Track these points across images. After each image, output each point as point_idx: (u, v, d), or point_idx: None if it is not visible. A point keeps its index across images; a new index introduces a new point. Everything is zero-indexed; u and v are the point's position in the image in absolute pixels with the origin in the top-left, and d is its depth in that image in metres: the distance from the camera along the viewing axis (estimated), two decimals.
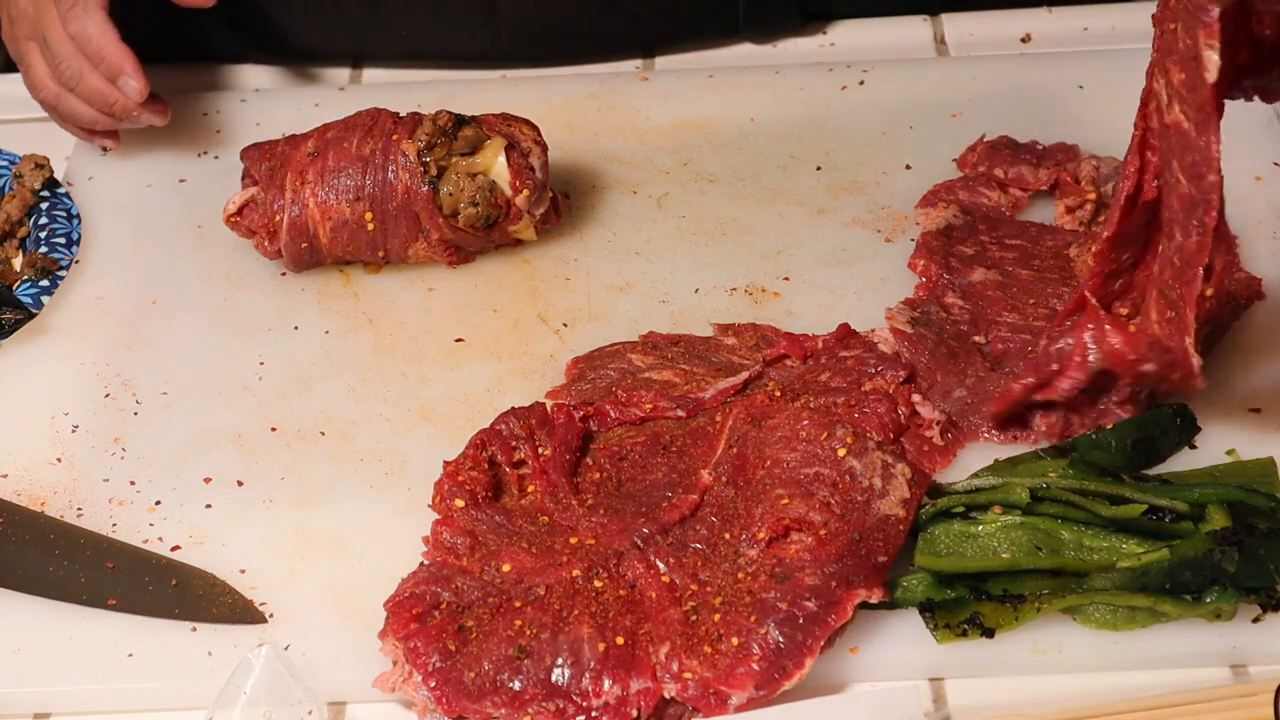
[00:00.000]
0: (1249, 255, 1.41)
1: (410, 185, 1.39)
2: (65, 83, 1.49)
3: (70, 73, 1.48)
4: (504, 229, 1.43)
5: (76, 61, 1.48)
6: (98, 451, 1.32)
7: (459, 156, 1.40)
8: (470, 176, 1.40)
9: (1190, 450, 1.24)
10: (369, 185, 1.40)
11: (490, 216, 1.40)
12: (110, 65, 1.47)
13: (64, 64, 1.48)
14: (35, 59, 1.50)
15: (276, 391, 1.36)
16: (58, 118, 1.54)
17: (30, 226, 1.50)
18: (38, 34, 1.49)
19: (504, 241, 1.45)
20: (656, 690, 1.10)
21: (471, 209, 1.40)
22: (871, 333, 1.32)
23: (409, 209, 1.40)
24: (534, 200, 1.41)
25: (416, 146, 1.39)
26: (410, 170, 1.39)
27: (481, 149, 1.41)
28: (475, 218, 1.40)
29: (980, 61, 1.65)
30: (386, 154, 1.40)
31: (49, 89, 1.50)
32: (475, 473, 1.22)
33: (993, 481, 1.19)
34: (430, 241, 1.42)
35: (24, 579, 1.22)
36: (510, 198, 1.41)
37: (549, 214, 1.44)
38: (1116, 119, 1.55)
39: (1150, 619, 1.14)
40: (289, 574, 1.22)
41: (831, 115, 1.58)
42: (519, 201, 1.41)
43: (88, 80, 1.48)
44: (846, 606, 1.11)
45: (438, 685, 1.10)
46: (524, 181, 1.40)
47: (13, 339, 1.40)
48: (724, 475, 1.21)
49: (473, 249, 1.44)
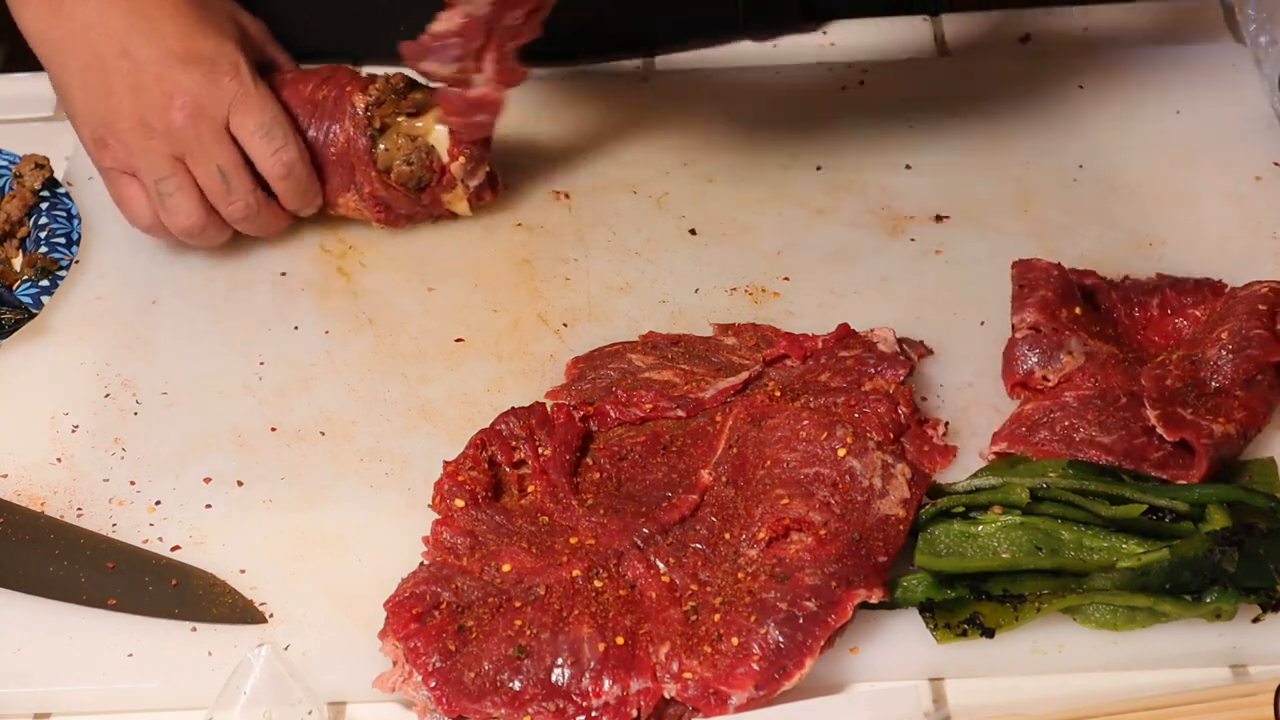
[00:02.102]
0: (1249, 255, 1.41)
1: (351, 135, 1.43)
2: (232, 214, 1.42)
3: (244, 208, 1.41)
4: (436, 195, 1.45)
5: (254, 197, 1.41)
6: (98, 451, 1.32)
7: (404, 117, 1.44)
8: (410, 138, 1.43)
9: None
10: (312, 129, 1.43)
11: (422, 178, 1.44)
12: (310, 200, 1.44)
13: (238, 199, 1.41)
14: (186, 189, 1.40)
15: (276, 391, 1.36)
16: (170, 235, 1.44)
17: (30, 226, 1.50)
18: (199, 158, 1.39)
19: (437, 211, 1.47)
20: (656, 690, 1.10)
21: (405, 167, 1.43)
22: (871, 333, 1.32)
23: (346, 159, 1.43)
24: (468, 170, 1.44)
25: (365, 100, 1.43)
26: (355, 121, 1.42)
27: (427, 113, 1.44)
28: (406, 176, 1.43)
29: (980, 61, 1.65)
30: (337, 103, 1.43)
31: (197, 218, 1.41)
32: (475, 473, 1.22)
33: (993, 481, 1.19)
34: (361, 194, 1.45)
35: (24, 579, 1.22)
36: (446, 164, 1.43)
37: (484, 189, 1.47)
38: (1116, 119, 1.56)
39: (1150, 619, 1.14)
40: (289, 574, 1.22)
41: (831, 115, 1.58)
42: (454, 169, 1.44)
43: (262, 214, 1.43)
44: (846, 606, 1.11)
45: (438, 685, 1.11)
46: (461, 150, 1.43)
47: (13, 339, 1.40)
48: (724, 475, 1.21)
49: (402, 210, 1.46)
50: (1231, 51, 1.62)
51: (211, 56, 1.39)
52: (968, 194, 1.49)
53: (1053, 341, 1.28)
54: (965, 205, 1.48)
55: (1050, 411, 1.25)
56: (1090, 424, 1.24)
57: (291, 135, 1.41)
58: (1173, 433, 1.21)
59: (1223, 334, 1.26)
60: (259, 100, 1.39)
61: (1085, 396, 1.26)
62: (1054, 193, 1.49)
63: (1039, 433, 1.24)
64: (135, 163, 1.40)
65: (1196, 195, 1.48)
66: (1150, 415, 1.22)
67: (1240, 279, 1.34)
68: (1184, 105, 1.57)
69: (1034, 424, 1.25)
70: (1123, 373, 1.27)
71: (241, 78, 1.39)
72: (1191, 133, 1.54)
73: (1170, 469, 1.21)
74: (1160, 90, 1.58)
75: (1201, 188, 1.48)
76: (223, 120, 1.39)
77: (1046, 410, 1.26)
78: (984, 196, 1.49)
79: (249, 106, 1.39)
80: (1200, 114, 1.56)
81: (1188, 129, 1.54)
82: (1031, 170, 1.51)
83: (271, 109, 1.40)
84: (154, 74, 1.37)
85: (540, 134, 1.58)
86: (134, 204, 1.42)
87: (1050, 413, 1.25)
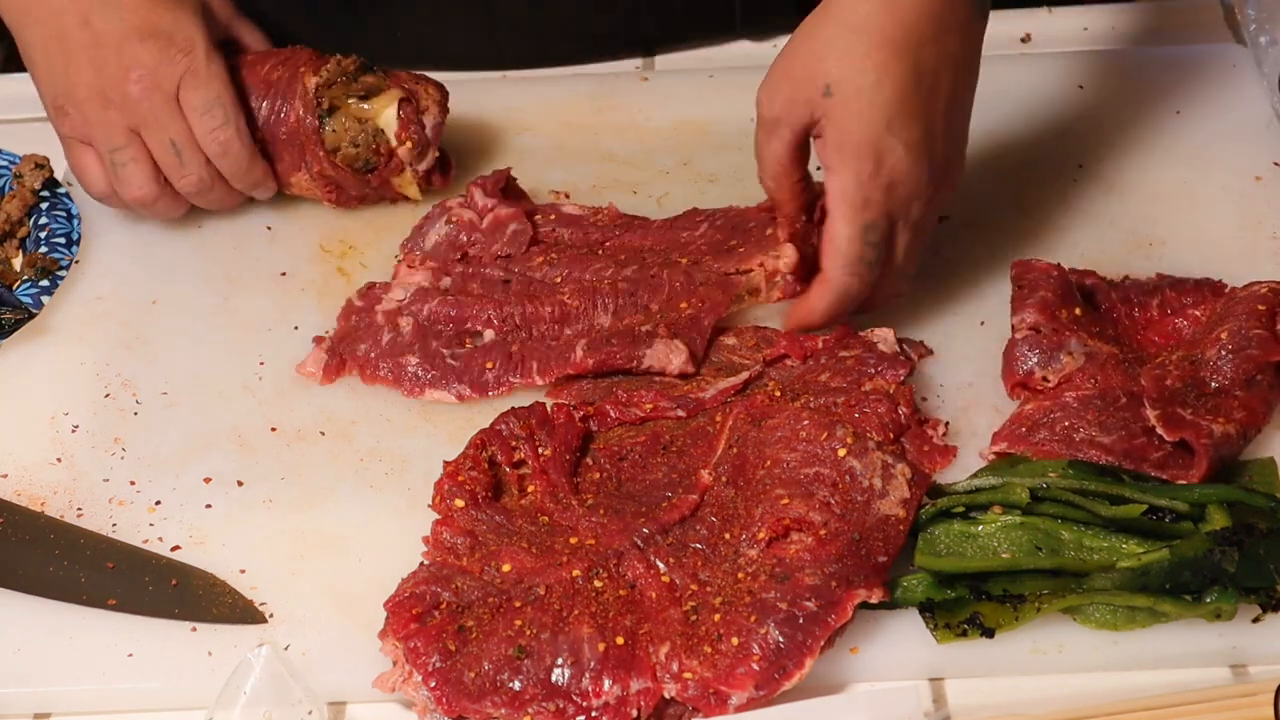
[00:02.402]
0: (1249, 255, 1.41)
1: (300, 115, 1.45)
2: (184, 188, 1.44)
3: (196, 182, 1.43)
4: (385, 178, 1.47)
5: (206, 171, 1.43)
6: (98, 451, 1.32)
7: (354, 99, 1.45)
8: (359, 120, 1.45)
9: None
10: (265, 108, 1.45)
11: (369, 161, 1.45)
12: (251, 180, 1.45)
13: (190, 173, 1.42)
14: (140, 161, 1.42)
15: (276, 391, 1.36)
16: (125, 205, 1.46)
17: (30, 226, 1.50)
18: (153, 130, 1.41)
19: (388, 194, 1.49)
20: (656, 690, 1.10)
21: (351, 149, 1.45)
22: (871, 333, 1.32)
23: (296, 138, 1.45)
24: (416, 155, 1.46)
25: (316, 80, 1.45)
26: (305, 101, 1.44)
27: (377, 97, 1.45)
28: (353, 158, 1.45)
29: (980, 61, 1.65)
30: (290, 83, 1.45)
31: (149, 189, 1.43)
32: (475, 473, 1.22)
33: (993, 481, 1.19)
34: (311, 174, 1.47)
35: (24, 579, 1.22)
36: (394, 148, 1.45)
37: (433, 174, 1.48)
38: (1116, 119, 1.56)
39: (1150, 619, 1.14)
40: (289, 574, 1.22)
41: None
42: (401, 153, 1.45)
43: (215, 190, 1.45)
44: (846, 606, 1.11)
45: (438, 685, 1.11)
46: (409, 134, 1.45)
47: (13, 339, 1.40)
48: (724, 475, 1.21)
49: (353, 191, 1.48)
50: (1231, 51, 1.62)
51: (169, 30, 1.41)
52: (968, 194, 1.49)
53: (1052, 342, 1.28)
54: (965, 205, 1.48)
55: (1050, 412, 1.25)
56: (1090, 424, 1.24)
57: (233, 115, 1.42)
58: (1172, 433, 1.21)
59: (1222, 334, 1.26)
60: (206, 77, 1.41)
61: (1085, 397, 1.26)
62: (1054, 193, 1.49)
63: (1039, 433, 1.24)
64: (92, 132, 1.42)
65: (1196, 195, 1.48)
66: (1150, 415, 1.22)
67: (1240, 279, 1.34)
68: (1184, 105, 1.57)
69: (1034, 424, 1.25)
70: (1123, 373, 1.27)
71: (194, 54, 1.41)
72: (1191, 133, 1.54)
73: (1170, 469, 1.21)
74: (1160, 90, 1.58)
75: (1201, 188, 1.48)
76: (174, 94, 1.41)
77: (1046, 410, 1.25)
78: (984, 196, 1.49)
79: (196, 83, 1.41)
80: (1200, 114, 1.56)
81: (1188, 129, 1.54)
82: (1031, 170, 1.51)
83: (217, 88, 1.41)
84: (113, 46, 1.40)
85: (540, 134, 1.58)
86: (89, 173, 1.45)
87: (1050, 413, 1.25)
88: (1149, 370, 1.26)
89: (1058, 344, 1.28)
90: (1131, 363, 1.28)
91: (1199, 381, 1.25)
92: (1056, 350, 1.28)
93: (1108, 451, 1.22)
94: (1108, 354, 1.28)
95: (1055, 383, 1.27)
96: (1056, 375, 1.27)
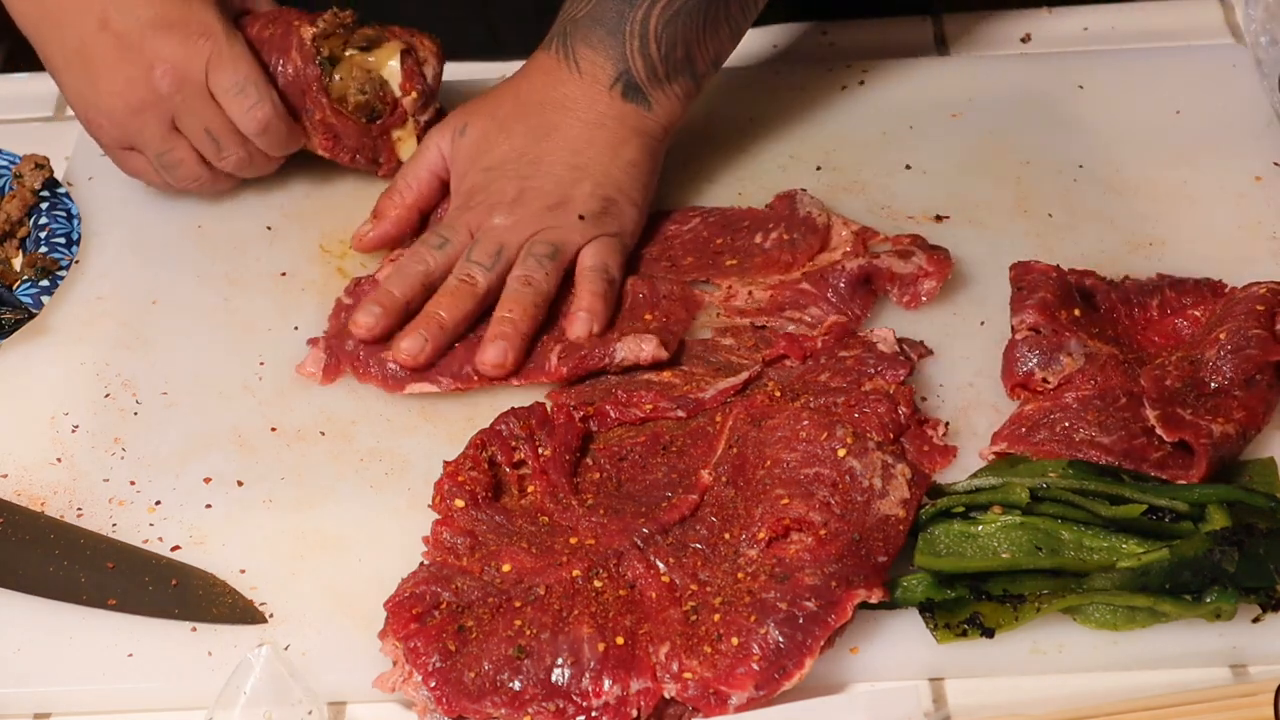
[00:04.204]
0: (1249, 255, 1.41)
1: (299, 65, 1.44)
2: (226, 168, 1.45)
3: (236, 162, 1.45)
4: (387, 128, 1.48)
5: (245, 150, 1.44)
6: (98, 451, 1.32)
7: (355, 50, 1.47)
8: (364, 70, 1.46)
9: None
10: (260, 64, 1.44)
11: (375, 109, 1.46)
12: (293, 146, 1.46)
13: (230, 154, 1.44)
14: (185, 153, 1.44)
15: (276, 391, 1.36)
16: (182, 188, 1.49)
17: (30, 226, 1.50)
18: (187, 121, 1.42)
19: (381, 151, 1.49)
20: (656, 690, 1.10)
21: (359, 96, 1.46)
22: (871, 333, 1.32)
23: (296, 88, 1.45)
24: (420, 106, 1.47)
25: (313, 31, 1.45)
26: (303, 52, 1.44)
27: (378, 48, 1.47)
28: (361, 105, 1.46)
29: (980, 61, 1.65)
30: (284, 37, 1.45)
31: (202, 176, 1.46)
32: (475, 473, 1.22)
33: (993, 481, 1.19)
34: (311, 121, 1.47)
35: (24, 579, 1.22)
36: (399, 98, 1.46)
37: (433, 125, 1.48)
38: (1116, 119, 1.56)
39: (1150, 619, 1.14)
40: (289, 574, 1.22)
41: (831, 115, 1.58)
42: (406, 103, 1.47)
43: (255, 163, 1.46)
44: (846, 606, 1.11)
45: (438, 685, 1.11)
46: (414, 84, 1.46)
47: (13, 339, 1.40)
48: (724, 475, 1.21)
49: (350, 143, 1.48)
50: (1231, 51, 1.62)
51: (185, 18, 1.40)
52: (968, 194, 1.49)
53: (1052, 343, 1.28)
54: (965, 205, 1.48)
55: (1050, 412, 1.25)
56: (1090, 424, 1.24)
57: (266, 90, 1.42)
58: (1172, 433, 1.21)
59: (1221, 334, 1.26)
60: (232, 59, 1.41)
61: (1085, 397, 1.26)
62: (1054, 193, 1.49)
63: (1039, 433, 1.24)
64: (131, 139, 1.44)
65: (1196, 195, 1.48)
66: (1150, 415, 1.22)
67: (1240, 279, 1.34)
68: (1184, 105, 1.57)
69: (1034, 424, 1.25)
70: (1122, 373, 1.27)
71: (215, 36, 1.40)
72: (1191, 133, 1.54)
73: (1170, 469, 1.21)
74: (1160, 90, 1.58)
75: (1201, 188, 1.48)
76: (203, 82, 1.41)
77: (1046, 411, 1.25)
78: (984, 196, 1.49)
79: (222, 65, 1.40)
80: (1200, 114, 1.56)
81: (1188, 129, 1.54)
82: (1031, 170, 1.51)
83: (245, 67, 1.41)
84: (133, 45, 1.39)
85: None
86: (141, 175, 1.48)
87: (1050, 413, 1.25)
88: (1149, 370, 1.26)
89: (1057, 345, 1.28)
90: (1131, 363, 1.28)
91: (1198, 382, 1.25)
92: (1056, 351, 1.28)
93: (1108, 451, 1.22)
94: (1107, 354, 1.28)
95: (1055, 384, 1.27)
96: (1056, 376, 1.27)
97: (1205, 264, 1.39)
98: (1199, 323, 1.32)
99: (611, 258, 1.38)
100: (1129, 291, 1.35)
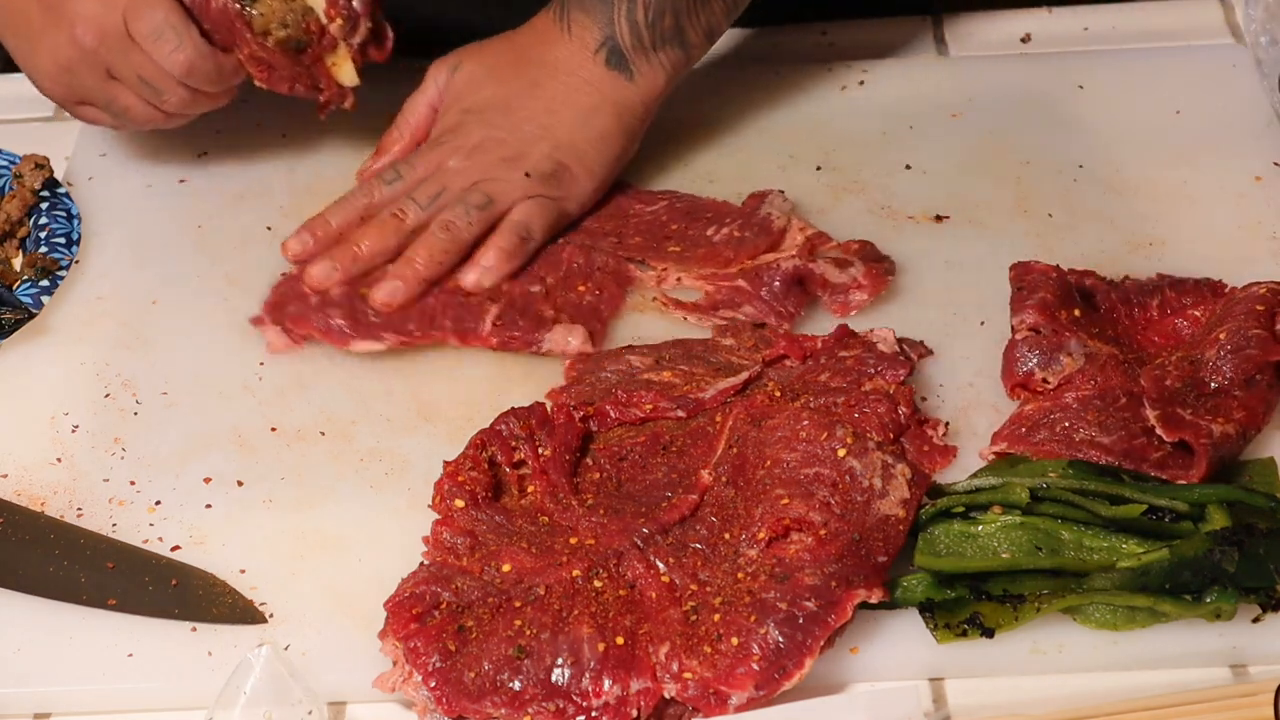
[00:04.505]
0: (1249, 255, 1.41)
1: (221, 2, 1.42)
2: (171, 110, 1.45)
3: (179, 103, 1.44)
4: (318, 56, 1.46)
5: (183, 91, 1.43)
6: (98, 451, 1.32)
7: None
8: (285, 1, 1.43)
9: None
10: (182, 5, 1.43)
11: (300, 41, 1.44)
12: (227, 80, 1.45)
13: (169, 97, 1.43)
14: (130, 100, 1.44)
15: (276, 391, 1.36)
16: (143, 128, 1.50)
17: (30, 226, 1.50)
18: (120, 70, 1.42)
19: (322, 77, 1.47)
20: (656, 690, 1.10)
21: (281, 31, 1.43)
22: (870, 333, 1.32)
23: (222, 24, 1.43)
24: (348, 30, 1.44)
25: None
26: None
27: None
28: (284, 40, 1.43)
29: (980, 61, 1.65)
30: None
31: (155, 116, 1.46)
32: (475, 473, 1.22)
33: (993, 481, 1.19)
34: (243, 56, 1.45)
35: (24, 579, 1.22)
36: (325, 25, 1.44)
37: (368, 46, 1.47)
38: (1116, 119, 1.56)
39: (1150, 619, 1.14)
40: (289, 574, 1.22)
41: (831, 115, 1.58)
42: (333, 29, 1.44)
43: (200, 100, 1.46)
44: (846, 606, 1.11)
45: (438, 685, 1.11)
46: (338, 10, 1.44)
47: (13, 339, 1.40)
48: (724, 475, 1.21)
49: (285, 74, 1.46)
50: (1231, 51, 1.62)
51: None
52: (968, 194, 1.49)
53: (1052, 344, 1.28)
54: (965, 205, 1.48)
55: (1050, 412, 1.25)
56: (1090, 424, 1.24)
57: (185, 31, 1.41)
58: (1172, 433, 1.21)
59: (1221, 334, 1.26)
60: (147, 4, 1.40)
61: (1085, 397, 1.26)
62: (1054, 193, 1.49)
63: (1039, 433, 1.24)
64: (78, 95, 1.45)
65: (1196, 195, 1.48)
66: (1150, 415, 1.22)
67: (1240, 279, 1.34)
68: (1184, 105, 1.57)
69: (1034, 424, 1.25)
70: (1123, 373, 1.27)
71: None
72: (1191, 133, 1.54)
73: (1170, 469, 1.21)
74: (1160, 90, 1.58)
75: (1201, 188, 1.48)
76: (124, 31, 1.41)
77: (1046, 411, 1.26)
78: (984, 196, 1.49)
79: (139, 12, 1.40)
80: (1200, 114, 1.56)
81: (1188, 129, 1.54)
82: (1031, 170, 1.51)
83: (161, 11, 1.40)
84: (55, 6, 1.40)
85: None
86: (102, 122, 1.48)
87: (1050, 413, 1.25)
88: (1149, 370, 1.26)
89: (1057, 345, 1.28)
90: (1131, 363, 1.28)
91: (1198, 382, 1.25)
92: (1056, 352, 1.28)
93: (1108, 451, 1.22)
94: (1107, 354, 1.28)
95: (1055, 384, 1.27)
96: (1056, 377, 1.27)
97: (1205, 264, 1.39)
98: (1199, 323, 1.32)
99: (538, 219, 1.40)
100: (1129, 291, 1.35)
